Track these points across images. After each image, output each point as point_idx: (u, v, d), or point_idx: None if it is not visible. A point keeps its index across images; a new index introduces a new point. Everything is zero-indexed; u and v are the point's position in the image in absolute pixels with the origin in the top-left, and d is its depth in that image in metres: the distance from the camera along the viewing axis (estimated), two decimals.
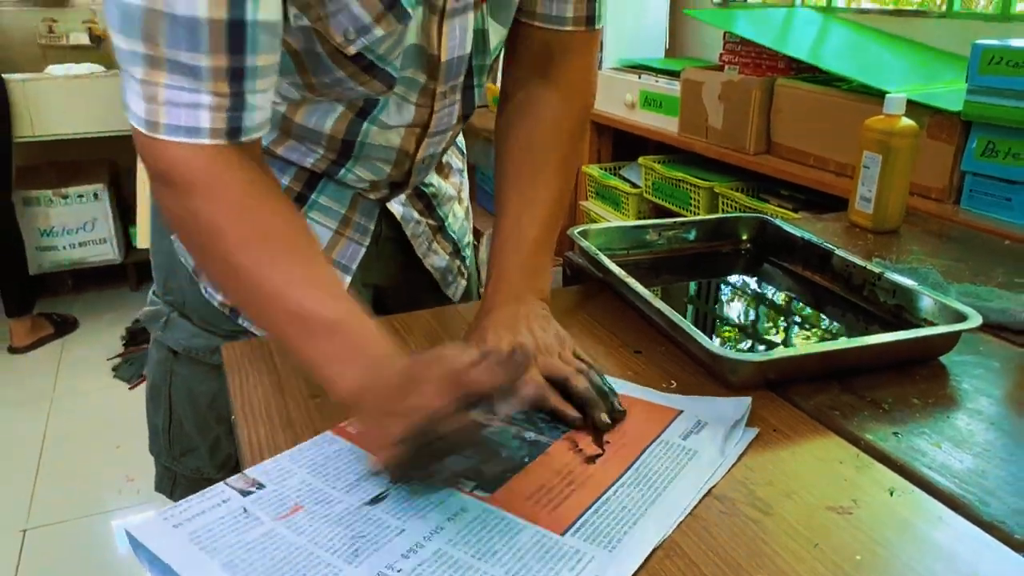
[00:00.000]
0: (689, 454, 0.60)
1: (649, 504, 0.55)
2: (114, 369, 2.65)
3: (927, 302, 0.80)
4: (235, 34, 0.57)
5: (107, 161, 3.25)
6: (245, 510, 0.53)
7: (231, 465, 0.90)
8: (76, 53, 3.17)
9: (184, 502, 0.54)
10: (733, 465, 0.60)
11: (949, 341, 0.75)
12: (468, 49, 0.75)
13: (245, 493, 0.55)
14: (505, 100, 0.83)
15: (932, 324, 0.78)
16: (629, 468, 0.59)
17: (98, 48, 3.22)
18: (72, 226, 3.05)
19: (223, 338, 0.86)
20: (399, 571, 0.48)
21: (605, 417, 0.64)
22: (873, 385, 0.71)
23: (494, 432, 0.63)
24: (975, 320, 0.74)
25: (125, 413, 2.40)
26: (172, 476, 0.95)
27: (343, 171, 0.83)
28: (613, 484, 0.57)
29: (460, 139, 1.03)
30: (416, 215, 0.94)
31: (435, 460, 0.53)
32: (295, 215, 0.66)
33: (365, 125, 0.78)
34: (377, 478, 0.57)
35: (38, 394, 2.52)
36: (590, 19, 0.79)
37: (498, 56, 0.83)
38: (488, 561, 0.49)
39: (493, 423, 0.65)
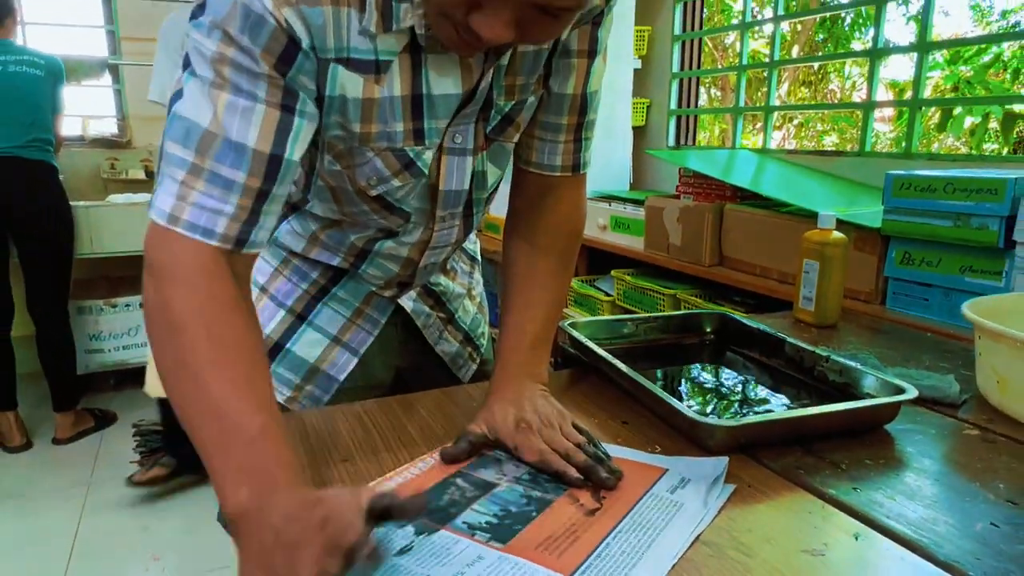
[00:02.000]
0: (677, 506, 0.59)
1: (645, 548, 0.54)
2: (135, 477, 2.36)
3: (870, 379, 0.81)
4: (273, 165, 0.60)
5: None
6: None
7: None
8: (134, 186, 3.26)
9: None
10: (716, 515, 0.59)
11: (892, 410, 0.76)
12: (466, 186, 0.78)
13: None
14: (509, 226, 0.85)
15: (875, 397, 0.79)
16: (624, 518, 0.58)
17: (152, 181, 3.30)
18: (119, 331, 3.02)
19: None
20: None
21: (604, 472, 0.63)
22: (831, 449, 0.71)
23: (503, 491, 0.62)
24: (912, 392, 0.75)
25: (154, 498, 2.31)
26: None
27: (359, 270, 0.88)
28: (611, 532, 0.56)
29: (473, 246, 1.07)
30: (427, 309, 0.96)
31: None
32: (256, 335, 0.60)
33: (382, 241, 0.83)
34: (403, 531, 0.56)
35: (76, 481, 2.42)
36: (576, 166, 0.81)
37: (496, 189, 0.86)
38: None
39: (502, 484, 0.64)
